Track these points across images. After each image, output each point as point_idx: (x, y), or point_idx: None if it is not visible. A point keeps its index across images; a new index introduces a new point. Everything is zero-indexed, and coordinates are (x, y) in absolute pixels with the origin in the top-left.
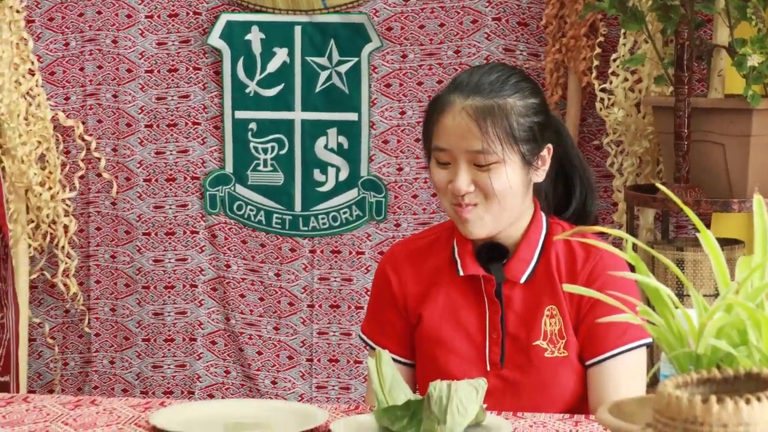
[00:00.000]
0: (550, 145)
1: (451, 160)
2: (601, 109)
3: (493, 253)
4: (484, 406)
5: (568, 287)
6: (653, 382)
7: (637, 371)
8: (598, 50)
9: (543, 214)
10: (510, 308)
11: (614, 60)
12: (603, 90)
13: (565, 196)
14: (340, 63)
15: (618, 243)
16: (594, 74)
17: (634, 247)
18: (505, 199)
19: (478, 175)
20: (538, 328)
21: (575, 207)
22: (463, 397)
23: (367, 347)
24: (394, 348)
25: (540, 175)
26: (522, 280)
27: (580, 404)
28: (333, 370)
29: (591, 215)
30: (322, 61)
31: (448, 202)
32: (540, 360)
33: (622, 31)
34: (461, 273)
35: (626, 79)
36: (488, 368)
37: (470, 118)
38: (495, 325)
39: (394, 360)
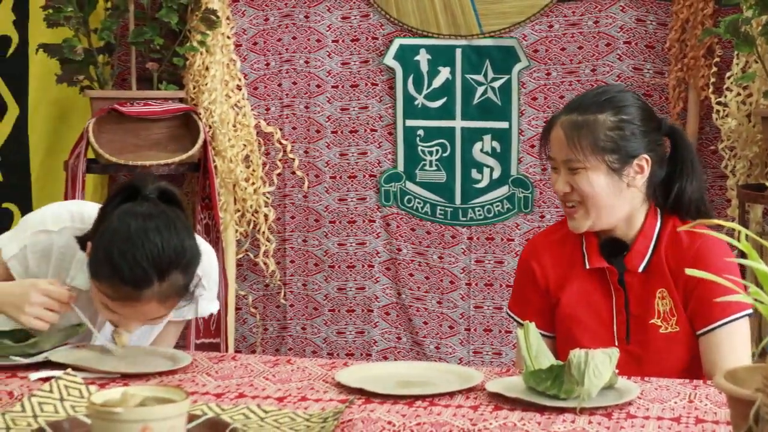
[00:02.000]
0: (646, 155)
1: (557, 166)
2: (716, 119)
3: (614, 247)
4: (616, 371)
5: (691, 271)
6: (762, 353)
7: (743, 338)
8: (714, 69)
9: (659, 211)
10: (631, 293)
11: (728, 77)
12: (719, 103)
13: (665, 192)
14: (494, 79)
15: (731, 233)
16: (711, 89)
17: (746, 237)
18: (595, 199)
19: (572, 179)
20: (653, 309)
21: (672, 200)
22: (599, 363)
23: (514, 322)
24: (536, 323)
25: (638, 181)
26: (640, 270)
27: (692, 372)
28: (487, 338)
29: (685, 208)
30: (479, 78)
31: (559, 201)
32: (656, 336)
33: (736, 52)
34: (587, 266)
35: (739, 94)
36: (616, 344)
37: (563, 132)
38: (620, 308)
39: None
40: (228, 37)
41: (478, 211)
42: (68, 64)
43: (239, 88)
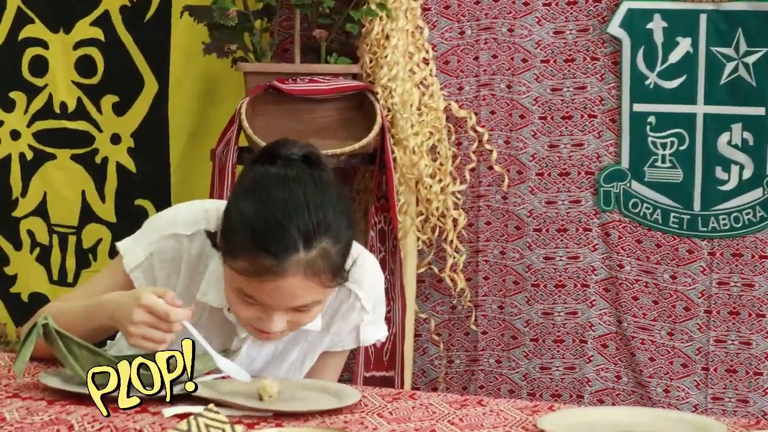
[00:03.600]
0: None
1: None
2: None
3: None
4: None
5: None
6: None
7: None
8: None
9: None
10: None
11: None
12: None
13: None
14: (747, 54)
15: None
16: None
17: None
18: None
19: None
20: None
21: None
22: None
23: None
24: None
25: None
26: None
27: None
28: (730, 381)
29: None
30: (728, 51)
31: None
32: None
33: None
34: None
35: None
36: None
37: None
38: None
39: None
40: (414, 0)
41: (723, 219)
42: (218, 30)
43: (426, 62)
